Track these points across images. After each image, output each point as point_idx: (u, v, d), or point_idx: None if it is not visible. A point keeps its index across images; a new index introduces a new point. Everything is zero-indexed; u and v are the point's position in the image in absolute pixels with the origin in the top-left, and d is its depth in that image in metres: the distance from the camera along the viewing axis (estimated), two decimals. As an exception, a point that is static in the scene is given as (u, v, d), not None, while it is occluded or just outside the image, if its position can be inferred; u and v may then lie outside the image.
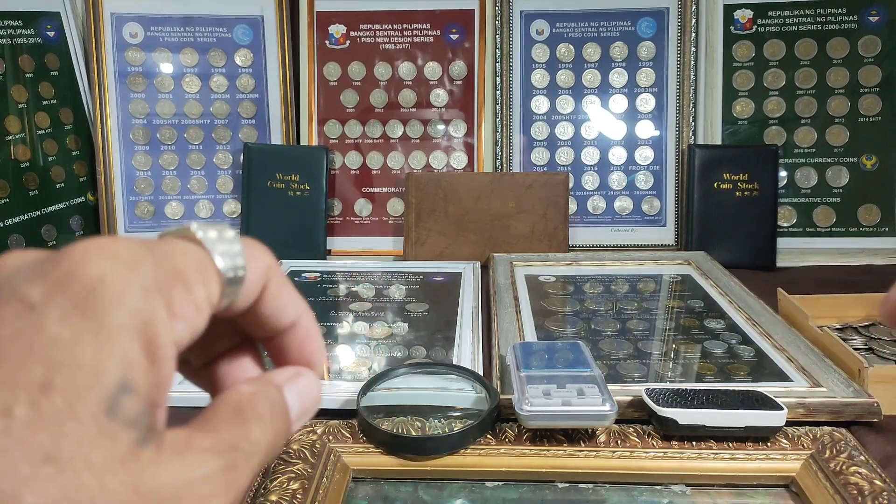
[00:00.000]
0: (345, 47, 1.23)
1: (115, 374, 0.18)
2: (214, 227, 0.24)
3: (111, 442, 0.18)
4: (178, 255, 0.22)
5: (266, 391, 0.25)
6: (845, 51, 1.17)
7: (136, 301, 0.20)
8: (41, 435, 0.17)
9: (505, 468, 0.58)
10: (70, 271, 0.19)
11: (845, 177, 1.17)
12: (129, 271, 0.20)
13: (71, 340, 0.18)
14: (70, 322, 0.18)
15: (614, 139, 1.21)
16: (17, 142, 1.08)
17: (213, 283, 0.23)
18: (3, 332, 0.18)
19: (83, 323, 0.19)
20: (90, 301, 0.19)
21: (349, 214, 1.22)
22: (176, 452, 0.20)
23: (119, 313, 0.19)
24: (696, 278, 0.99)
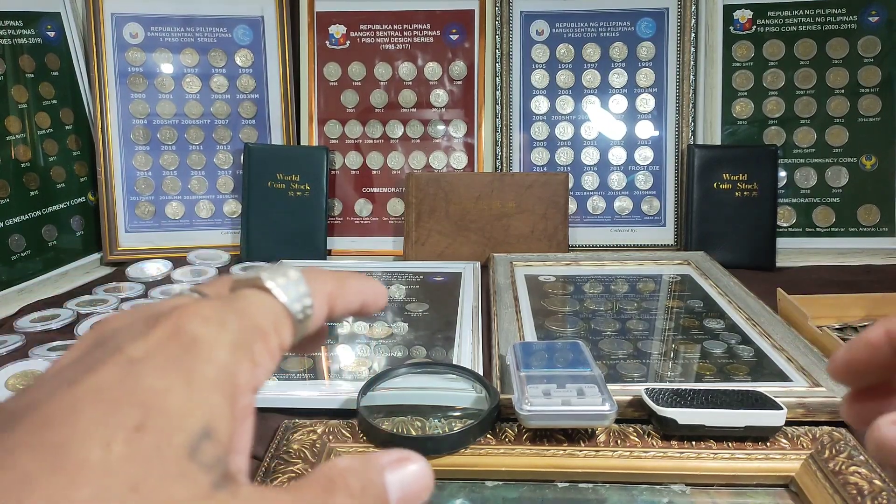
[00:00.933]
0: (345, 47, 1.23)
1: (200, 421, 0.21)
2: (280, 273, 0.27)
3: (190, 482, 0.20)
4: (256, 310, 0.26)
5: (363, 468, 0.25)
6: (845, 51, 1.17)
7: (224, 357, 0.23)
8: (132, 467, 0.19)
9: (505, 468, 0.58)
10: (170, 332, 0.23)
11: (845, 177, 1.18)
12: (218, 331, 0.23)
13: (164, 390, 0.21)
14: (166, 375, 0.21)
15: (614, 139, 1.21)
16: (18, 142, 1.08)
17: (286, 330, 0.26)
18: (108, 379, 0.21)
19: (177, 376, 0.21)
20: (185, 358, 0.22)
21: (349, 214, 1.22)
22: (250, 500, 0.21)
23: (208, 368, 0.22)
24: (695, 278, 0.99)
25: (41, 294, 1.03)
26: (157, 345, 0.22)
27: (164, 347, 0.22)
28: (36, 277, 1.07)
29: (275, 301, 0.27)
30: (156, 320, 0.23)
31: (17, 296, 1.02)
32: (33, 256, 1.08)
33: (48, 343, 0.84)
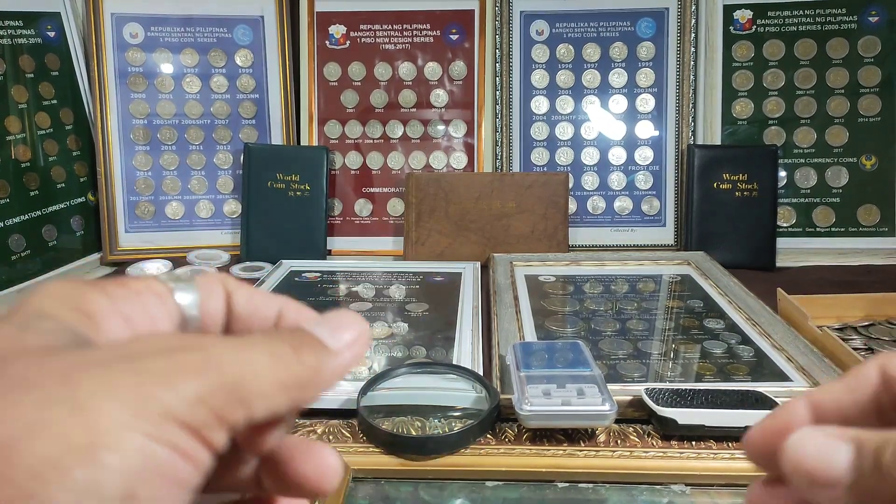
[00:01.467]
0: (345, 47, 1.23)
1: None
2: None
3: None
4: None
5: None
6: (845, 51, 1.17)
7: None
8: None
9: (505, 468, 0.58)
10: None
11: (845, 177, 1.18)
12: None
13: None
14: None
15: (614, 139, 1.21)
16: (18, 142, 1.08)
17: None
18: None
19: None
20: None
21: (349, 214, 1.22)
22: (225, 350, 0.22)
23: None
24: (695, 278, 0.99)
25: (41, 294, 1.03)
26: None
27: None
28: (36, 277, 1.07)
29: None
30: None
31: (17, 296, 1.02)
32: (33, 256, 1.08)
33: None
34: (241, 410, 0.21)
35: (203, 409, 0.20)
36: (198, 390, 0.20)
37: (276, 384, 0.22)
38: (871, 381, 0.28)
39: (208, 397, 0.20)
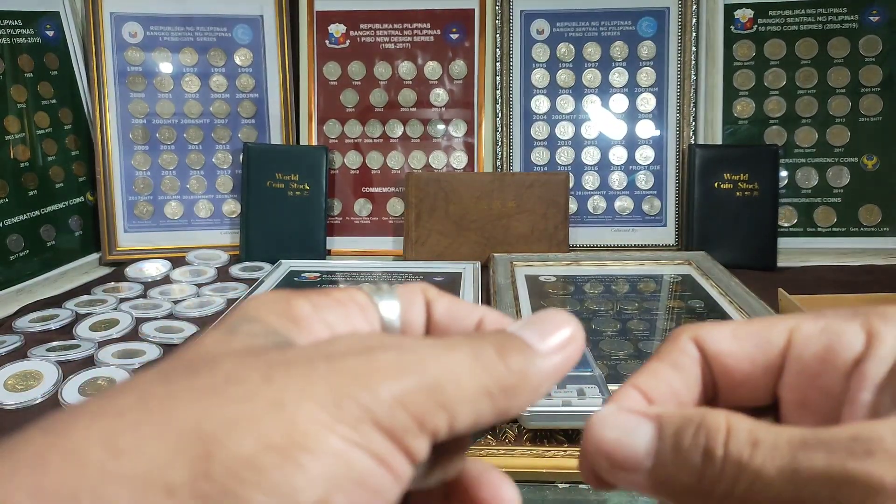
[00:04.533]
0: (345, 47, 1.23)
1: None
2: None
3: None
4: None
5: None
6: (846, 50, 1.17)
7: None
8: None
9: (505, 468, 0.57)
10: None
11: (846, 177, 1.17)
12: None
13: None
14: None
15: (615, 139, 1.21)
16: (17, 142, 1.08)
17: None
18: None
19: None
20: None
21: (349, 214, 1.22)
22: (422, 352, 0.22)
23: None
24: (696, 278, 0.98)
25: (40, 294, 1.03)
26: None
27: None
28: (34, 277, 1.07)
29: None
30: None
31: (16, 296, 1.02)
32: (32, 256, 1.07)
33: (47, 343, 0.84)
34: (442, 416, 0.20)
35: (403, 413, 0.19)
36: (397, 392, 0.19)
37: (481, 389, 0.21)
38: (692, 354, 0.26)
39: (408, 400, 0.19)
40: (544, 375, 0.23)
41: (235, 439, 0.17)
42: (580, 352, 0.24)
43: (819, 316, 0.25)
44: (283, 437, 0.18)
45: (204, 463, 0.17)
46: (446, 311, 0.26)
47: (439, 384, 0.20)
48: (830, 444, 0.19)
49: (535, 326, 0.23)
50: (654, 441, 0.22)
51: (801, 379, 0.25)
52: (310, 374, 0.19)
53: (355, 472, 0.18)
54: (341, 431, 0.18)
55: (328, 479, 0.18)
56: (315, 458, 0.18)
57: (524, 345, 0.23)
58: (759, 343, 0.25)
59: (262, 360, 0.20)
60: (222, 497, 0.17)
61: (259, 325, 0.22)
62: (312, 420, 0.18)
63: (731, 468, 0.20)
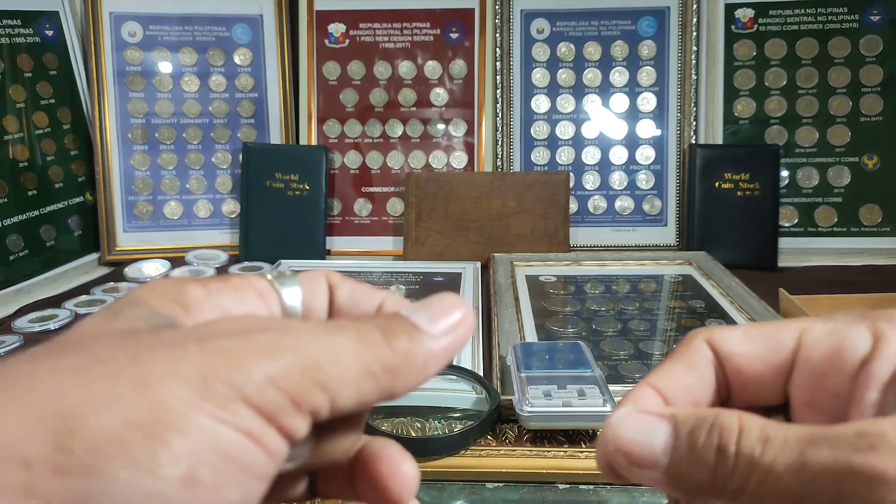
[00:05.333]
0: (344, 46, 1.22)
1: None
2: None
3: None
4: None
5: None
6: (846, 50, 1.17)
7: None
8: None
9: (505, 469, 0.58)
10: None
11: (847, 176, 1.17)
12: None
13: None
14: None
15: (615, 139, 1.20)
16: (16, 141, 1.08)
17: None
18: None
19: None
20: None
21: (348, 214, 1.22)
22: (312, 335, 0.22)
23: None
24: (697, 278, 0.98)
25: (39, 294, 1.03)
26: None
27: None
28: (34, 277, 1.07)
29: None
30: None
31: (15, 296, 1.02)
32: (31, 256, 1.07)
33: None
34: (320, 395, 0.20)
35: (275, 392, 0.19)
36: (270, 371, 0.20)
37: (362, 369, 0.21)
38: (706, 355, 0.27)
39: (281, 379, 0.20)
40: (431, 356, 0.23)
41: (97, 416, 0.18)
42: (469, 334, 0.24)
43: (827, 319, 0.26)
44: (147, 415, 0.18)
45: (64, 438, 0.17)
46: (348, 295, 0.27)
47: (317, 364, 0.20)
48: (836, 440, 0.20)
49: (426, 309, 0.24)
50: (669, 440, 0.22)
51: (811, 379, 0.26)
52: (179, 355, 0.19)
53: (222, 448, 0.19)
54: (208, 409, 0.18)
55: (193, 454, 0.18)
56: (179, 434, 0.18)
57: (411, 326, 0.23)
58: (770, 344, 0.27)
59: (133, 341, 0.20)
60: (83, 471, 0.17)
61: (142, 309, 0.23)
62: (177, 399, 0.18)
63: (743, 464, 0.21)
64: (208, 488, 0.18)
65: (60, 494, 0.17)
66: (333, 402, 0.21)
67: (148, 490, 0.17)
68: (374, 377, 0.21)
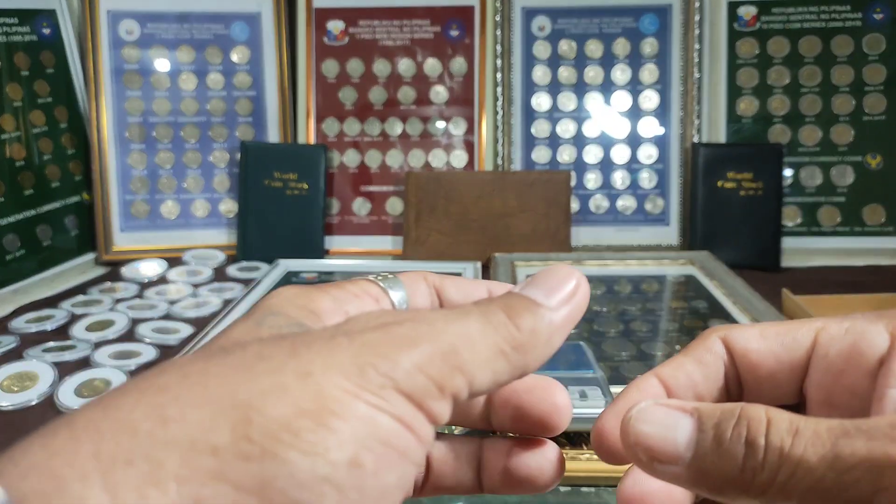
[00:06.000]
0: (343, 44, 1.21)
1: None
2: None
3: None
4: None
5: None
6: (850, 48, 1.16)
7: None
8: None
9: (506, 473, 0.57)
10: None
11: (850, 176, 1.16)
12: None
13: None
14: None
15: (617, 137, 1.20)
16: (13, 140, 1.07)
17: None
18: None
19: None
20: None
21: (347, 213, 1.21)
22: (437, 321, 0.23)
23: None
24: (699, 279, 0.97)
25: (36, 294, 1.02)
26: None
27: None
28: (30, 277, 1.06)
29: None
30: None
31: (12, 296, 1.01)
32: (28, 256, 1.07)
33: (43, 344, 0.84)
34: (460, 378, 0.21)
35: (422, 378, 0.21)
36: (416, 359, 0.21)
37: (494, 349, 0.22)
38: (718, 352, 0.28)
39: (426, 366, 0.21)
40: (555, 328, 0.24)
41: (271, 405, 0.19)
42: (586, 299, 0.25)
43: (843, 318, 0.27)
44: (313, 402, 0.19)
45: (244, 426, 0.19)
46: (457, 289, 0.30)
47: (454, 349, 0.21)
48: (871, 432, 0.20)
49: (540, 284, 0.25)
50: (693, 434, 0.22)
51: (827, 377, 0.26)
52: (332, 349, 0.21)
53: (381, 434, 0.20)
54: (366, 397, 0.20)
55: (357, 440, 0.19)
56: (344, 421, 0.19)
57: (531, 302, 0.24)
58: (786, 342, 0.27)
59: (288, 340, 0.21)
60: (262, 456, 0.18)
61: (282, 318, 0.24)
62: (338, 387, 0.20)
63: (772, 457, 0.21)
64: (370, 472, 0.19)
65: (246, 478, 0.18)
66: (471, 384, 0.22)
67: (320, 473, 0.19)
68: (505, 356, 0.23)
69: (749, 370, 0.27)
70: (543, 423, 0.27)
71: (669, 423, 0.23)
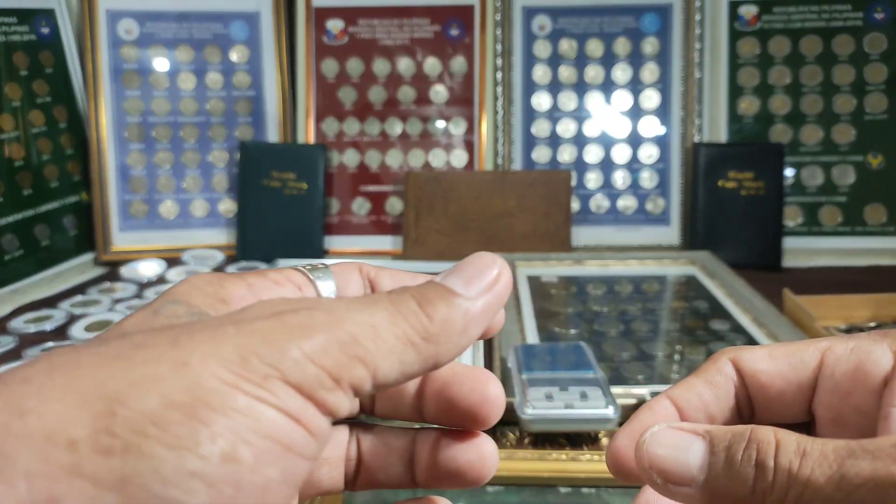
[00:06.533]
0: (343, 43, 1.21)
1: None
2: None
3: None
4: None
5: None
6: (851, 48, 1.16)
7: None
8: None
9: (506, 472, 0.57)
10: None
11: (851, 175, 1.16)
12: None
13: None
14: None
15: (618, 137, 1.19)
16: (11, 140, 1.07)
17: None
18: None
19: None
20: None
21: (347, 213, 1.20)
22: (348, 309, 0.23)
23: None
24: (700, 279, 0.97)
25: (34, 294, 1.02)
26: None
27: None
28: (29, 278, 1.06)
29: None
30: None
31: (10, 296, 1.01)
32: (26, 256, 1.06)
33: (42, 344, 0.84)
34: (359, 369, 0.20)
35: (313, 368, 0.20)
36: (307, 348, 0.20)
37: (401, 339, 0.21)
38: (728, 374, 0.28)
39: (318, 356, 0.20)
40: (470, 319, 0.23)
41: (138, 397, 0.18)
42: (508, 289, 0.24)
43: (849, 338, 0.27)
44: (187, 394, 0.18)
45: (106, 419, 0.18)
46: (392, 281, 0.29)
47: (354, 338, 0.20)
48: (875, 452, 0.20)
49: (459, 273, 0.24)
50: (706, 456, 0.23)
51: (835, 397, 0.27)
52: (217, 337, 0.20)
53: (263, 427, 0.19)
54: (247, 388, 0.19)
55: (234, 433, 0.18)
56: (219, 413, 0.18)
57: (447, 291, 0.23)
58: (793, 363, 0.27)
59: (174, 330, 0.20)
60: (125, 450, 0.17)
61: (182, 307, 0.23)
62: (216, 377, 0.19)
63: (781, 478, 0.21)
64: (249, 467, 0.18)
65: (105, 473, 0.17)
66: (375, 375, 0.21)
67: (189, 468, 0.18)
68: (414, 346, 0.22)
69: (759, 391, 0.28)
70: (473, 414, 0.26)
71: (682, 445, 0.23)
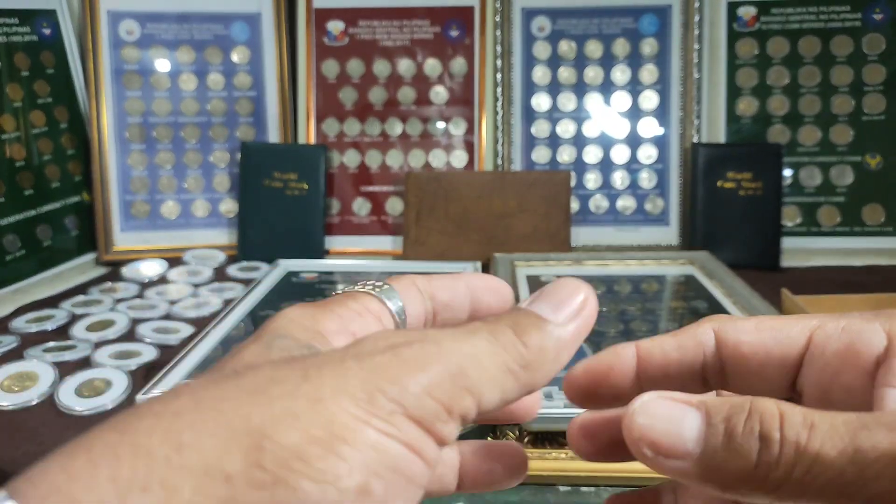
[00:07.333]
0: (343, 44, 1.22)
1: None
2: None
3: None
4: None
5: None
6: (849, 48, 1.16)
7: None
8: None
9: (506, 472, 0.57)
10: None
11: (850, 176, 1.16)
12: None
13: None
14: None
15: (617, 137, 1.20)
16: (13, 141, 1.07)
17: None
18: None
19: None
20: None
21: (347, 213, 1.21)
22: (448, 343, 0.23)
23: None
24: (699, 279, 0.97)
25: (36, 294, 1.02)
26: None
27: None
28: (30, 278, 1.06)
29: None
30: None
31: (12, 296, 1.01)
32: (28, 256, 1.07)
33: (43, 344, 0.83)
34: (468, 399, 0.21)
35: (430, 402, 0.21)
36: (424, 383, 0.21)
37: (502, 368, 0.22)
38: (704, 343, 0.27)
39: (434, 389, 0.21)
40: (563, 344, 0.24)
41: (282, 432, 0.19)
42: (595, 314, 0.25)
43: (839, 316, 0.26)
44: (324, 429, 0.19)
45: (256, 453, 0.19)
46: (444, 290, 0.31)
47: (462, 370, 0.21)
48: (892, 425, 0.20)
49: (547, 298, 0.25)
50: (702, 428, 0.22)
51: (824, 375, 0.26)
52: (343, 373, 0.21)
53: (391, 461, 0.20)
54: (376, 423, 0.20)
55: (366, 467, 0.19)
56: (354, 448, 0.19)
57: (539, 319, 0.24)
58: (779, 338, 0.27)
59: (299, 363, 0.21)
60: (274, 484, 0.18)
61: (291, 341, 0.24)
62: (348, 413, 0.20)
63: (788, 452, 0.20)
64: (379, 499, 0.19)
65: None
66: (479, 404, 0.22)
67: (330, 501, 0.19)
68: (514, 375, 0.22)
69: (739, 361, 0.27)
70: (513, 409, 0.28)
71: (675, 416, 0.22)
